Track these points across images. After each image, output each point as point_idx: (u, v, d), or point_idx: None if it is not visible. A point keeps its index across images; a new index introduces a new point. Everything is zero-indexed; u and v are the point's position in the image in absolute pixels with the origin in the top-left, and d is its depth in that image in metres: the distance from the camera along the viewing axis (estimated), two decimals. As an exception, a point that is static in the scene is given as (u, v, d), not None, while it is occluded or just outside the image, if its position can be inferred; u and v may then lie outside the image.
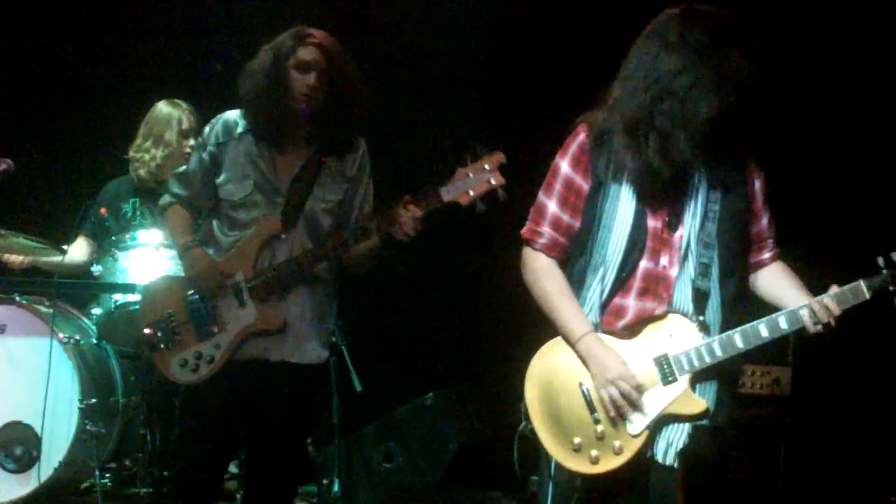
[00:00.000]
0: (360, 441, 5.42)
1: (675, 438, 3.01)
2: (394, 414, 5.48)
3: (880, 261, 2.97)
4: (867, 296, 2.95)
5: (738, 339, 2.99)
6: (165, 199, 3.99)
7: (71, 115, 6.26)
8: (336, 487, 5.04)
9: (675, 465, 2.99)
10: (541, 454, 3.21)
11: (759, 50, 2.94)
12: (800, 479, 4.59)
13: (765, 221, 3.19)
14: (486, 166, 3.50)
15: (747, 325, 2.99)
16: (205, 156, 3.83)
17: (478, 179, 3.50)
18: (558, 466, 3.09)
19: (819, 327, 2.99)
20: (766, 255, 3.22)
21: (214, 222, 3.85)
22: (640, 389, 3.00)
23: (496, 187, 3.49)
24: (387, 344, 6.03)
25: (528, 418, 3.15)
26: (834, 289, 3.00)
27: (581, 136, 3.14)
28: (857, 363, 5.06)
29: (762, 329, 2.99)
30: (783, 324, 2.99)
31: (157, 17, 6.24)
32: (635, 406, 3.00)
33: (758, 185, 3.16)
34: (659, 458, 3.01)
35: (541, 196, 3.21)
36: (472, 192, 3.50)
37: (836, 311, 2.96)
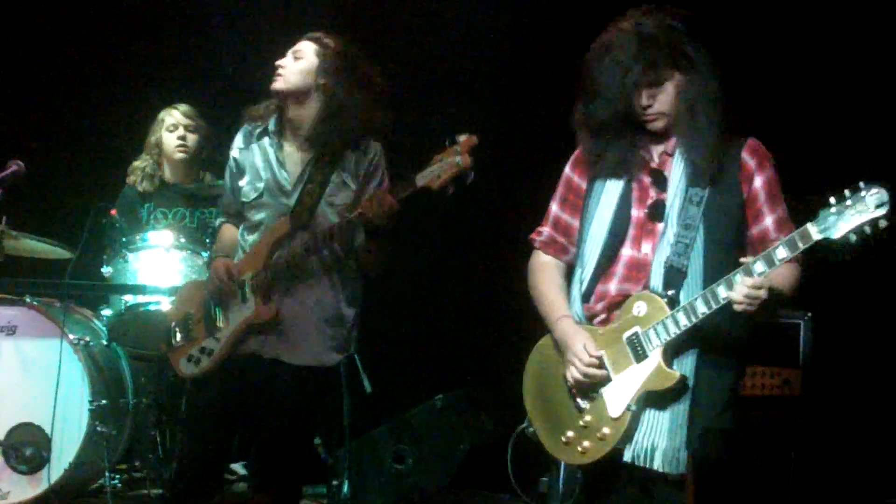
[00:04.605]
0: (371, 442, 5.42)
1: (657, 440, 2.99)
2: (404, 415, 5.48)
3: (832, 200, 2.79)
4: (815, 237, 2.79)
5: (700, 303, 2.95)
6: (218, 219, 4.15)
7: (81, 117, 6.28)
8: (346, 488, 5.04)
9: (676, 471, 2.98)
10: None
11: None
12: (811, 481, 4.57)
13: (769, 222, 3.07)
14: (458, 149, 3.55)
15: (706, 289, 2.95)
16: (231, 164, 3.97)
17: (449, 163, 3.56)
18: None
19: (763, 278, 2.85)
20: None
21: (241, 225, 3.94)
22: (595, 365, 3.04)
23: (464, 168, 3.53)
24: (397, 345, 6.03)
25: (529, 418, 3.22)
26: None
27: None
28: (867, 364, 5.03)
29: (721, 290, 2.92)
30: (738, 277, 2.89)
31: (170, 20, 6.27)
32: (598, 383, 3.05)
33: (758, 183, 3.07)
34: (657, 465, 2.99)
35: (550, 202, 3.36)
36: (442, 176, 3.56)
37: (786, 256, 2.84)
